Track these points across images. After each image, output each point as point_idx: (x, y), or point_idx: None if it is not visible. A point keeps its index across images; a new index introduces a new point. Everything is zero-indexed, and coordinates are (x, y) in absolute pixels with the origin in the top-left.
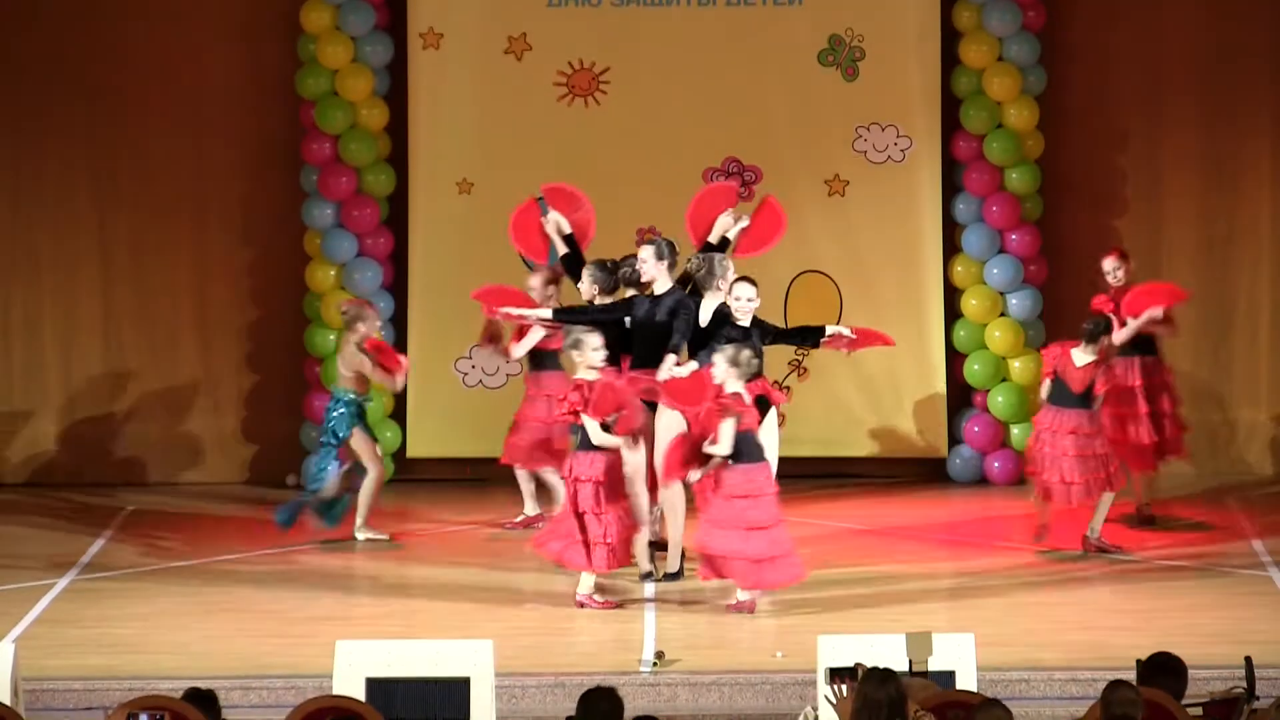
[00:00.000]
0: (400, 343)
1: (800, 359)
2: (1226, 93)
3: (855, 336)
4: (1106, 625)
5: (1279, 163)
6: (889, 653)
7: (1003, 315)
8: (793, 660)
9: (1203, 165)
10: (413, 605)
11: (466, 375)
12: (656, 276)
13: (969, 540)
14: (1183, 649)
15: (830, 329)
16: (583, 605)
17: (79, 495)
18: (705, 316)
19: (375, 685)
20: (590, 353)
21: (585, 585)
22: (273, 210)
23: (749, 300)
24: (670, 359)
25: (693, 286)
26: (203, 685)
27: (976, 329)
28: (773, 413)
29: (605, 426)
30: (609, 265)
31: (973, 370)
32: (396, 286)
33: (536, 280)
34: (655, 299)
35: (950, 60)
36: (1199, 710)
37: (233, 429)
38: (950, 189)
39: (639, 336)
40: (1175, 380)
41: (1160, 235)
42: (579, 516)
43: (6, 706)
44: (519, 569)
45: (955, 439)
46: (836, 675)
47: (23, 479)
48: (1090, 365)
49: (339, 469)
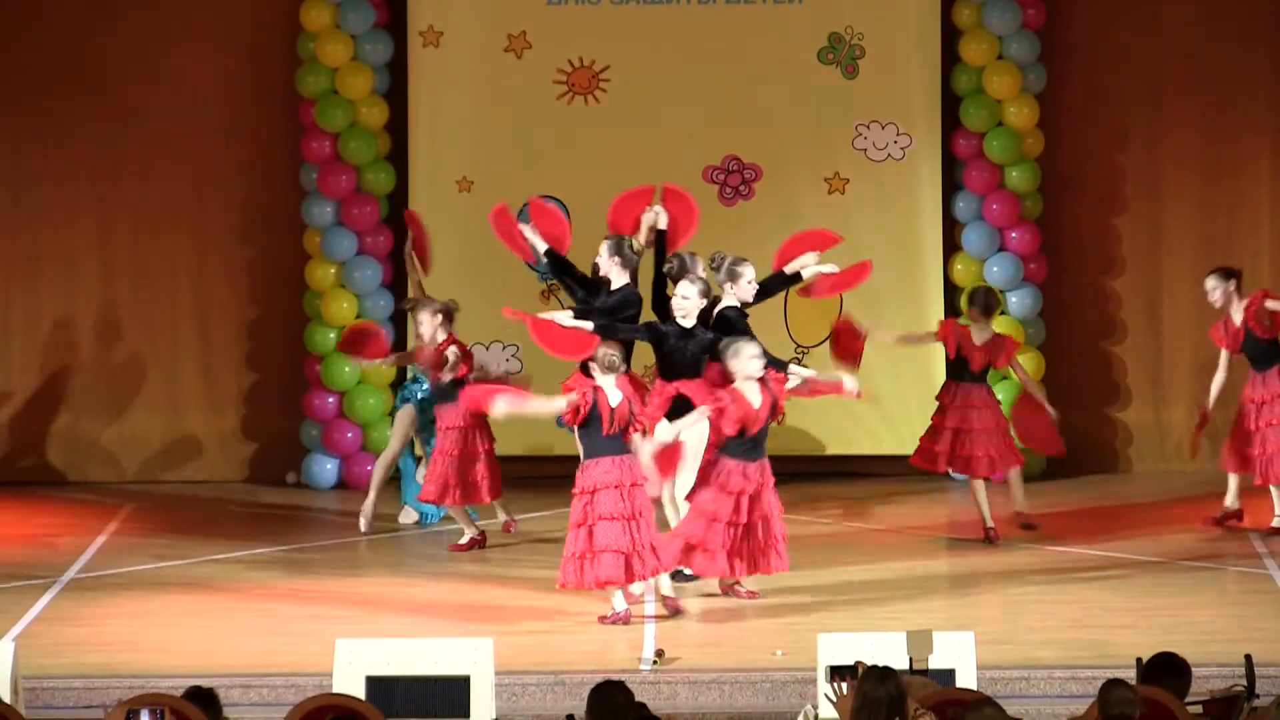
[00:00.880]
0: (400, 342)
1: (800, 358)
2: (1226, 91)
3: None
4: (1106, 623)
5: (1279, 161)
6: (889, 651)
7: (1003, 313)
8: (793, 658)
9: (1202, 164)
10: (413, 604)
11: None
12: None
13: (969, 539)
14: (1182, 647)
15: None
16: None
17: (78, 493)
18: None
19: (375, 683)
20: (748, 361)
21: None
22: (273, 208)
23: (683, 299)
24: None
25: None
26: (203, 684)
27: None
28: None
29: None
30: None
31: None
32: (396, 285)
33: (425, 314)
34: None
35: (950, 58)
36: (1199, 708)
37: (232, 427)
38: (950, 187)
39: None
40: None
41: (1160, 234)
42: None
43: (6, 705)
44: (519, 569)
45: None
46: (837, 673)
47: (22, 477)
48: (988, 341)
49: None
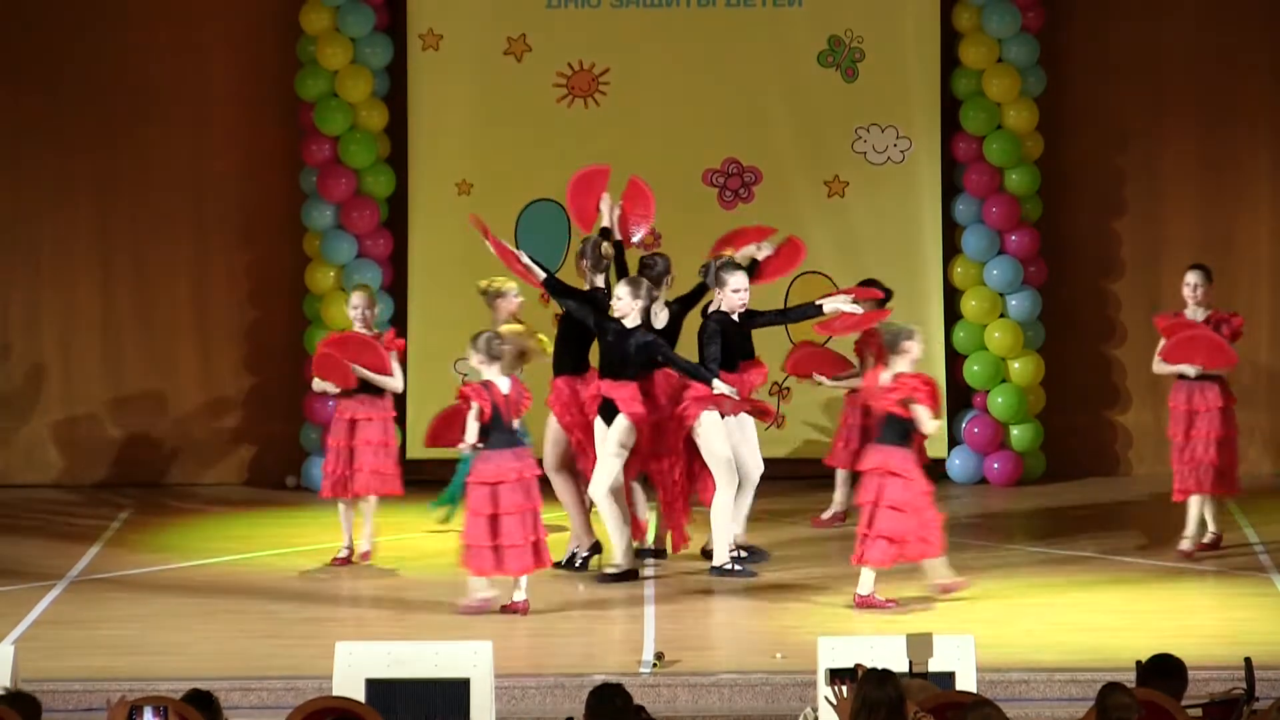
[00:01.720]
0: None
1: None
2: (1226, 93)
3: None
4: (1106, 626)
5: (1278, 163)
6: (889, 654)
7: (1002, 316)
8: (793, 661)
9: (1202, 166)
10: (412, 606)
11: (467, 375)
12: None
13: (969, 540)
14: (1182, 650)
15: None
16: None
17: (78, 496)
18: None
19: (375, 686)
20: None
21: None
22: (272, 212)
23: (617, 299)
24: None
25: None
26: (202, 686)
27: (976, 330)
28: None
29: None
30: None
31: (972, 371)
32: (396, 287)
33: (358, 298)
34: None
35: (950, 61)
36: (1199, 711)
37: (232, 430)
38: (950, 190)
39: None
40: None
41: (1160, 237)
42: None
43: (6, 707)
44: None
45: (955, 440)
46: (836, 676)
47: (22, 479)
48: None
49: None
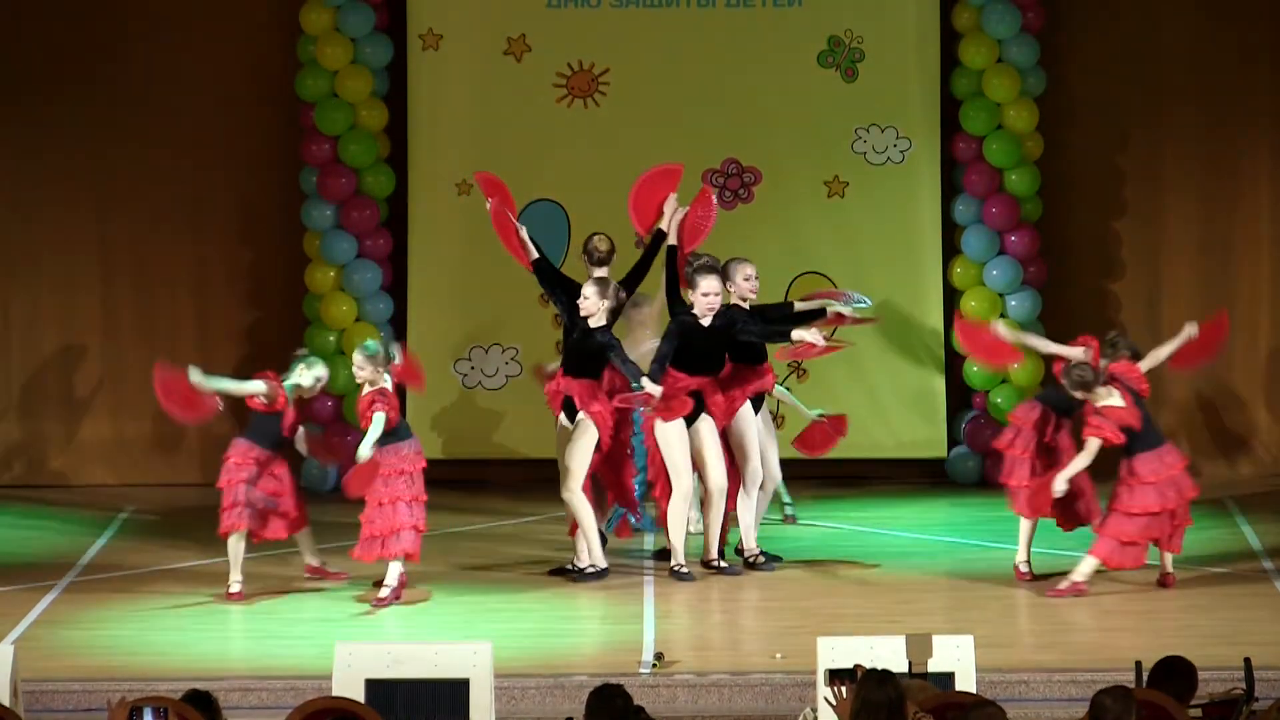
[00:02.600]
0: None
1: (799, 361)
2: (1226, 94)
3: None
4: (1106, 626)
5: (1278, 163)
6: (888, 654)
7: (1002, 317)
8: (792, 662)
9: (1202, 166)
10: (412, 606)
11: (466, 376)
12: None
13: (969, 540)
14: (1182, 650)
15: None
16: None
17: (78, 495)
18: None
19: (375, 686)
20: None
21: None
22: (272, 211)
23: (584, 298)
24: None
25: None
26: (202, 687)
27: None
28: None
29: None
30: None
31: (972, 371)
32: (396, 288)
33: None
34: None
35: (950, 61)
36: (1198, 711)
37: (232, 430)
38: (950, 190)
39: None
40: None
41: (1160, 236)
42: None
43: (6, 708)
44: (519, 571)
45: (955, 440)
46: (836, 677)
47: (22, 479)
48: None
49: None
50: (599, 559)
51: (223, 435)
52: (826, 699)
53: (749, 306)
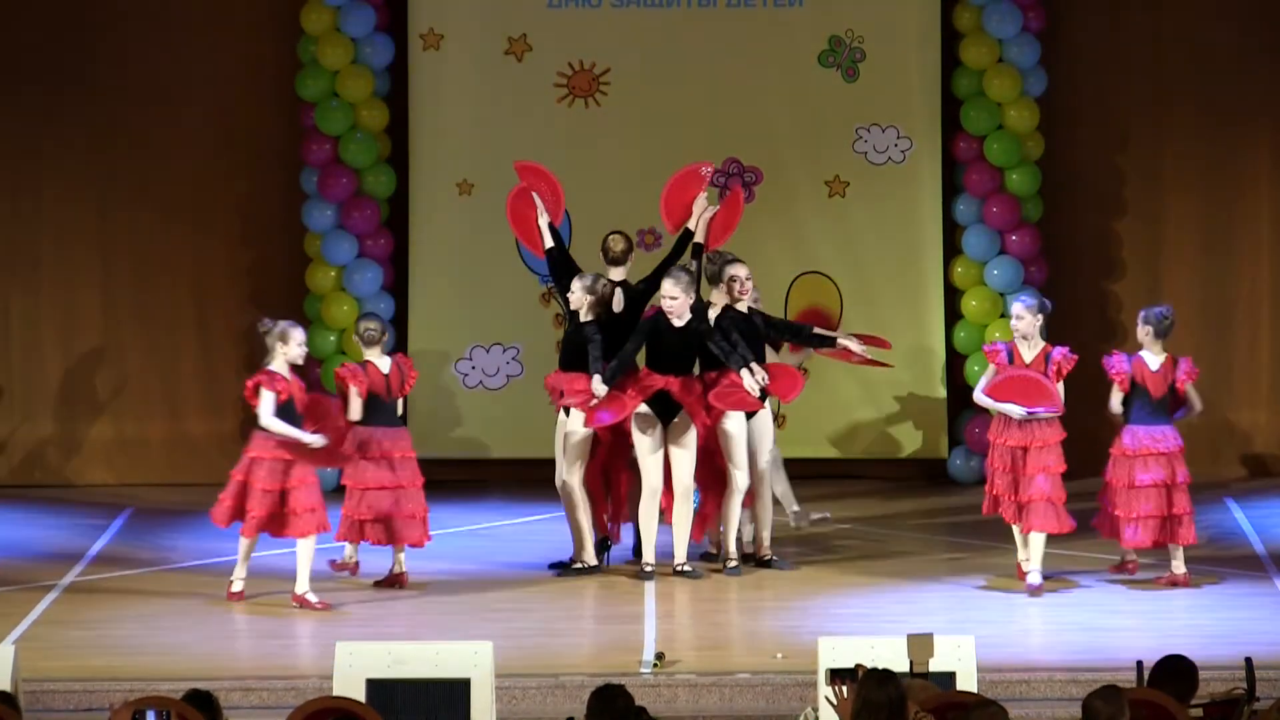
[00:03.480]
0: (400, 343)
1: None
2: (1227, 94)
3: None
4: (1106, 626)
5: (1278, 163)
6: (889, 654)
7: (1003, 316)
8: (793, 661)
9: (1203, 166)
10: (413, 606)
11: (466, 376)
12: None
13: (970, 540)
14: (1183, 650)
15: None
16: None
17: (79, 495)
18: (712, 315)
19: (375, 686)
20: None
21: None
22: (272, 212)
23: (571, 293)
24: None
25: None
26: (203, 686)
27: (977, 330)
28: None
29: None
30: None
31: (973, 371)
32: (397, 288)
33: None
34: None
35: (950, 61)
36: (1199, 711)
37: (232, 430)
38: (950, 190)
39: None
40: None
41: (1160, 236)
42: None
43: (7, 707)
44: (519, 571)
45: (955, 440)
46: (837, 676)
47: (22, 479)
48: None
49: None
50: (589, 556)
51: (223, 434)
52: (828, 698)
53: (748, 310)
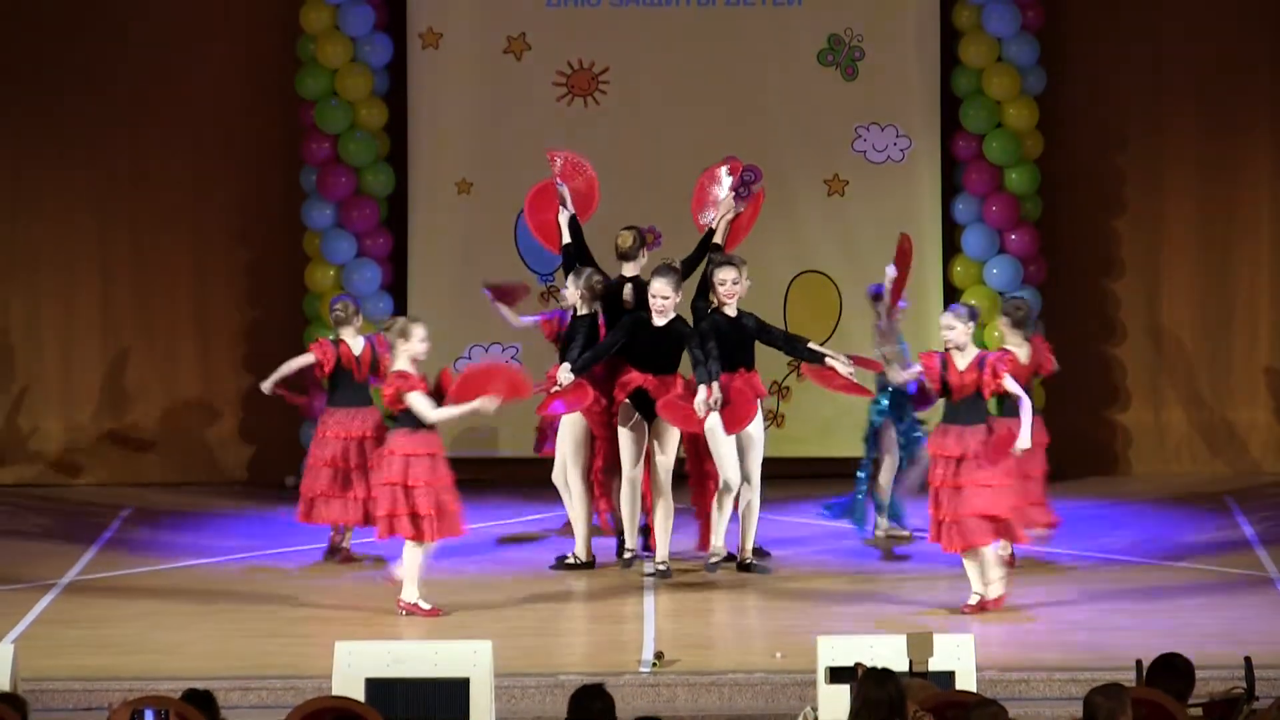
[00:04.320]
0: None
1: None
2: (1226, 93)
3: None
4: (1106, 625)
5: (1278, 162)
6: (889, 653)
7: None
8: (792, 661)
9: (1202, 165)
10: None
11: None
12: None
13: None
14: (1182, 649)
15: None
16: None
17: (78, 495)
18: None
19: (375, 686)
20: None
21: None
22: (272, 211)
23: (564, 289)
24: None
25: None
26: (202, 686)
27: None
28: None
29: None
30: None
31: None
32: (396, 287)
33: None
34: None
35: (950, 60)
36: (1199, 710)
37: (231, 429)
38: (950, 189)
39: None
40: None
41: (1160, 235)
42: None
43: (6, 707)
44: (519, 571)
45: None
46: (836, 675)
47: (22, 479)
48: None
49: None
50: (581, 552)
51: (222, 432)
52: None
53: (738, 313)
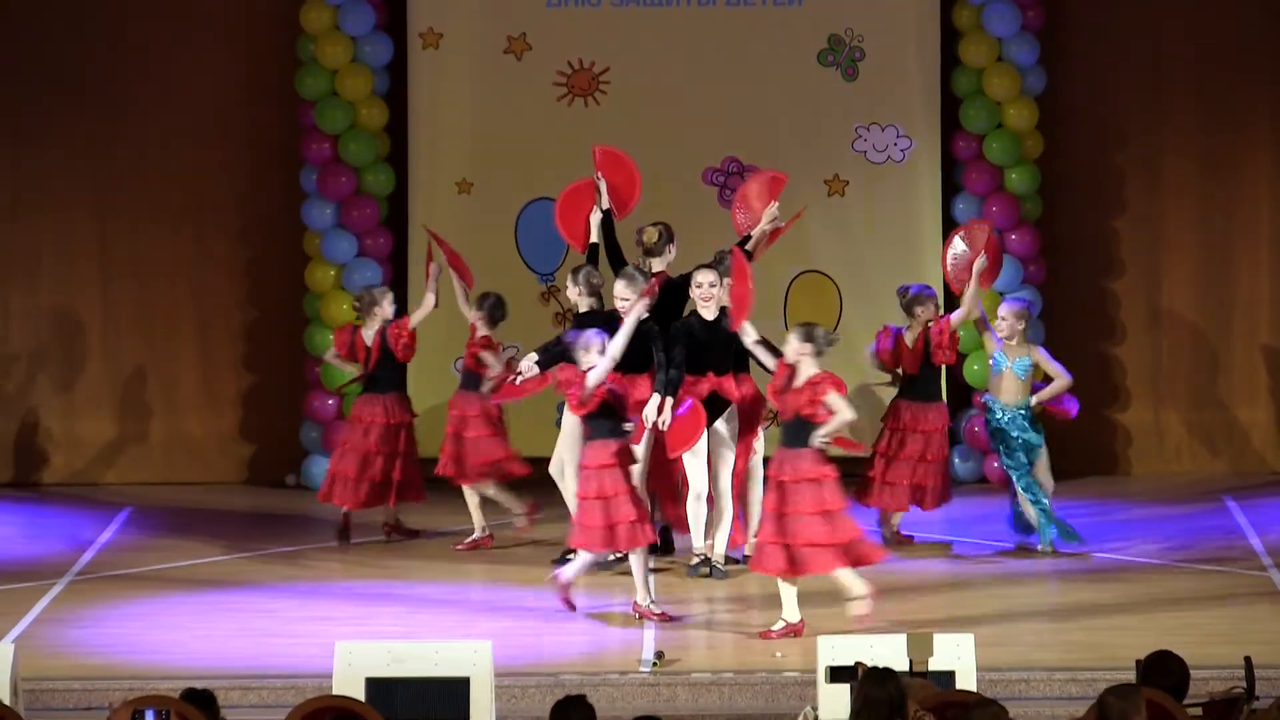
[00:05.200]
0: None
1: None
2: (1226, 93)
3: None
4: (1106, 625)
5: (1278, 163)
6: (889, 652)
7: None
8: (792, 660)
9: (1202, 165)
10: (412, 605)
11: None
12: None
13: (969, 539)
14: (1182, 649)
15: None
16: None
17: (78, 494)
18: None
19: (375, 685)
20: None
21: None
22: (272, 210)
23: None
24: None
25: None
26: (202, 685)
27: (976, 329)
28: (732, 409)
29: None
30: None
31: (972, 370)
32: (396, 287)
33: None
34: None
35: (950, 60)
36: (1199, 710)
37: (231, 429)
38: (950, 189)
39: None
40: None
41: (1159, 234)
42: None
43: (6, 706)
44: (519, 570)
45: (954, 439)
46: (837, 674)
47: (23, 478)
48: None
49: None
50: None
51: (222, 432)
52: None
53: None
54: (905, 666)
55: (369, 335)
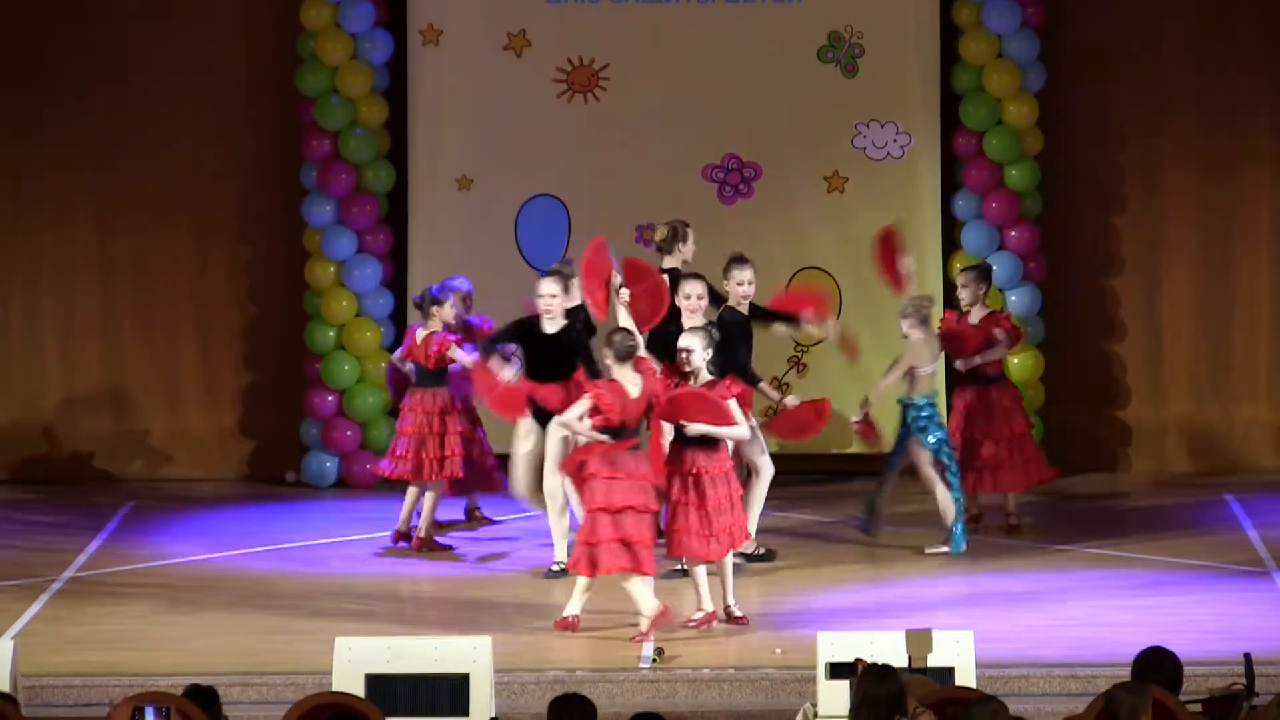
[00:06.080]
0: (400, 341)
1: (799, 355)
2: (1226, 90)
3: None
4: (1106, 622)
5: (1279, 161)
6: (889, 649)
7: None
8: (792, 657)
9: (1202, 163)
10: (412, 601)
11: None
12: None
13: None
14: (1182, 645)
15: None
16: None
17: (78, 492)
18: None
19: (375, 681)
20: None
21: None
22: (272, 207)
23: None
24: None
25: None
26: (203, 682)
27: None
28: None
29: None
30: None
31: None
32: (396, 284)
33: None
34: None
35: (950, 57)
36: (1199, 707)
37: (231, 426)
38: (950, 186)
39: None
40: None
41: (1160, 233)
42: None
43: (11, 697)
44: (519, 567)
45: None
46: (837, 671)
47: (22, 476)
48: None
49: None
50: (562, 555)
51: (222, 429)
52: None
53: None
54: (905, 663)
55: (420, 335)
